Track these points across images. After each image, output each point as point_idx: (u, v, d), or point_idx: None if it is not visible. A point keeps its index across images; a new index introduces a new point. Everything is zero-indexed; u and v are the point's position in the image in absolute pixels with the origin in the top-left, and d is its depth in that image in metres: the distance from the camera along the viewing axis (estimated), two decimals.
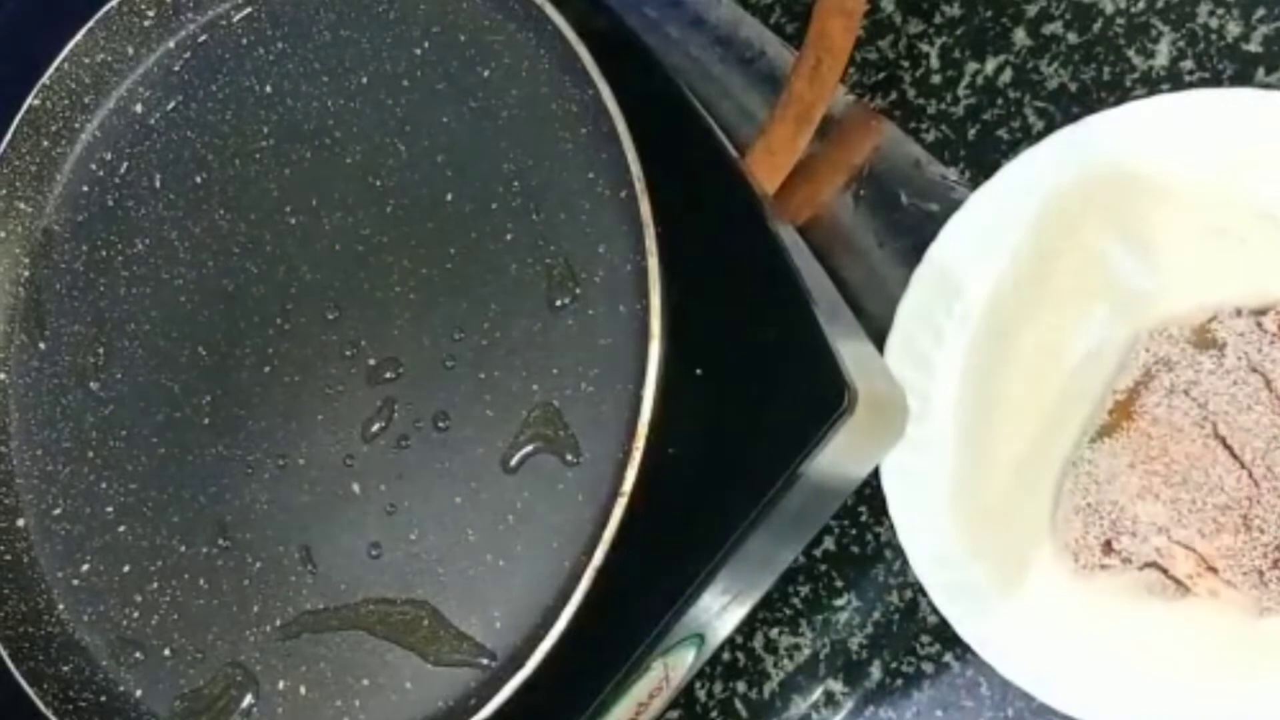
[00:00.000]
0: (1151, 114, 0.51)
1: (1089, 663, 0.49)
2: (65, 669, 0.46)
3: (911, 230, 0.56)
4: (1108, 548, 0.49)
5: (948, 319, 0.53)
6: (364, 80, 0.46)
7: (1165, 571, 0.48)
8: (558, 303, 0.41)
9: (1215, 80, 0.53)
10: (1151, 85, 0.54)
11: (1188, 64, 0.54)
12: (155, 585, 0.46)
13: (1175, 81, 0.54)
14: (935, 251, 0.53)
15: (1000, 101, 0.57)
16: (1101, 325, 0.52)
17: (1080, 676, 0.49)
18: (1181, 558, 0.47)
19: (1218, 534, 0.47)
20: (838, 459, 0.40)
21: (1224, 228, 0.50)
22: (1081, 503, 0.49)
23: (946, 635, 0.51)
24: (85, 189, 0.51)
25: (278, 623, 0.43)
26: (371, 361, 0.44)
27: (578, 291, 0.41)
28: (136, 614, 0.46)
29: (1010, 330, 0.53)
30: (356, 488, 0.43)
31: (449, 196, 0.44)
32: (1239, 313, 0.48)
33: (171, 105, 0.50)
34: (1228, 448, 0.47)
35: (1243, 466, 0.47)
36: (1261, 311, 0.47)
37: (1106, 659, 0.49)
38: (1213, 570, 0.47)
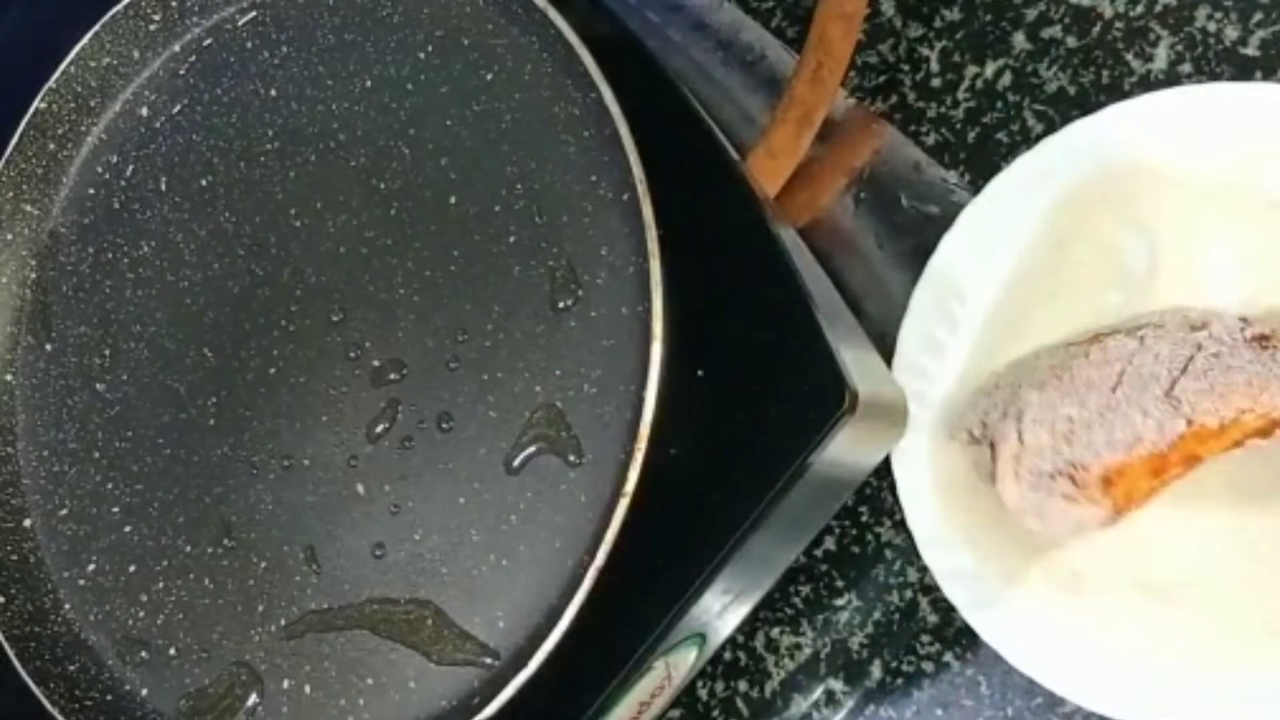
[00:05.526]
0: (1167, 105, 0.51)
1: (1094, 652, 0.49)
2: (71, 668, 0.46)
3: (912, 232, 0.56)
4: (983, 427, 0.50)
5: (962, 307, 0.54)
6: (368, 84, 0.47)
7: (993, 453, 0.49)
8: (560, 304, 0.41)
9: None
10: (1150, 89, 0.54)
11: (1186, 68, 0.54)
12: (161, 585, 0.46)
13: (1173, 85, 0.54)
14: (949, 240, 0.53)
15: (1000, 105, 0.57)
16: (1114, 314, 0.52)
17: (1086, 665, 0.49)
18: (1010, 441, 0.48)
19: (1047, 431, 0.48)
20: (838, 460, 0.40)
21: (1237, 218, 0.50)
22: (996, 377, 0.51)
23: (946, 635, 0.51)
24: (91, 191, 0.51)
25: (282, 622, 0.44)
26: (376, 363, 0.44)
27: (580, 293, 0.41)
28: (142, 613, 0.46)
29: (1024, 318, 0.53)
30: (361, 488, 0.43)
31: (452, 199, 0.44)
32: (1241, 318, 0.48)
33: (177, 108, 0.50)
34: (1118, 379, 0.47)
35: (1111, 394, 0.47)
36: (1256, 322, 0.48)
37: (1111, 648, 0.49)
38: (1017, 459, 0.48)
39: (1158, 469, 0.46)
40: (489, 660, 0.40)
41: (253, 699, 0.44)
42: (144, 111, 0.51)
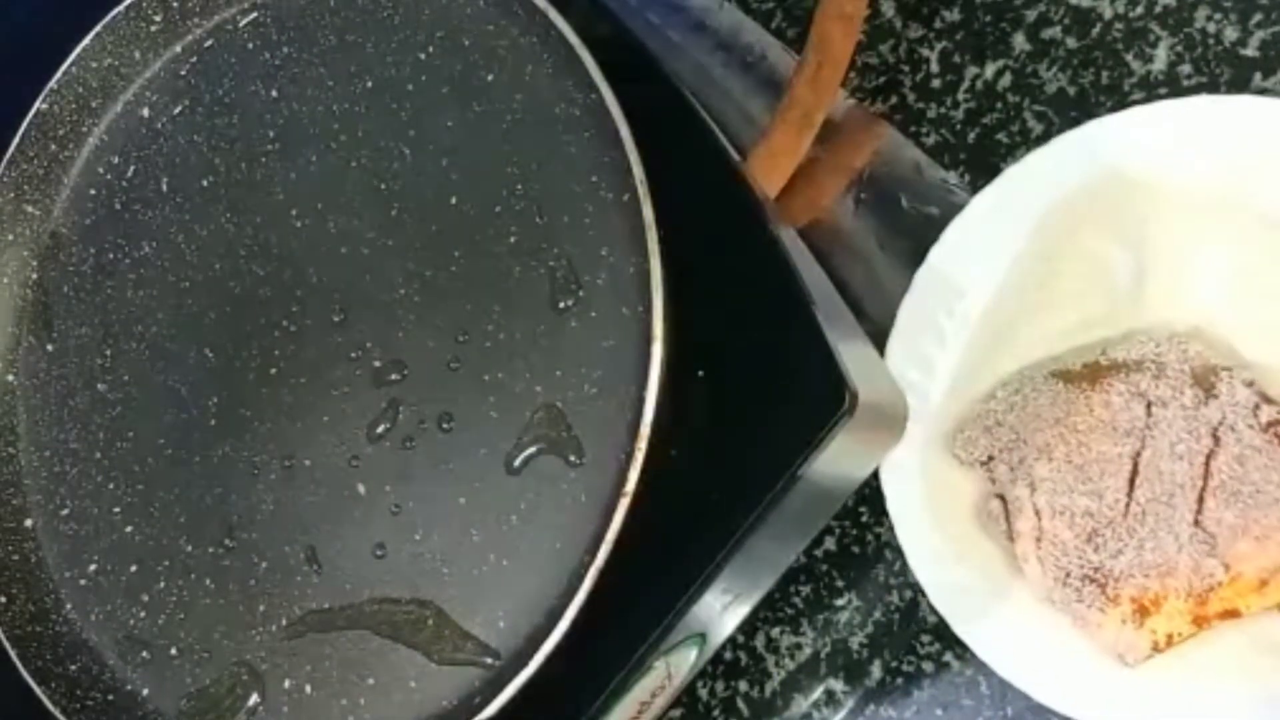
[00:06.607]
0: (1157, 118, 0.51)
1: (1084, 661, 0.49)
2: (73, 668, 0.46)
3: (911, 233, 0.56)
4: (987, 460, 0.51)
5: (949, 319, 0.54)
6: (369, 84, 0.47)
7: (1006, 513, 0.50)
8: (561, 305, 0.41)
9: (1213, 85, 0.53)
10: (1149, 90, 0.55)
11: (1185, 69, 0.54)
12: (162, 585, 0.46)
13: (1173, 86, 0.54)
14: (937, 252, 0.53)
15: (1000, 106, 0.57)
16: (1100, 328, 0.52)
17: (1075, 675, 0.49)
18: (1027, 515, 0.49)
19: (1067, 525, 0.48)
20: (838, 460, 0.40)
21: (1226, 233, 0.50)
22: (997, 413, 0.51)
23: (946, 634, 0.51)
24: (93, 192, 0.51)
25: (283, 622, 0.44)
26: (377, 363, 0.44)
27: (581, 294, 0.41)
28: (143, 613, 0.46)
29: (1011, 330, 0.53)
30: (361, 488, 0.43)
31: (453, 200, 0.44)
32: (1250, 384, 0.48)
33: (178, 109, 0.50)
34: (1133, 473, 0.48)
35: (1128, 496, 0.47)
36: (1269, 400, 0.47)
37: (1101, 658, 0.49)
38: (1038, 542, 0.48)
39: (1199, 619, 0.47)
40: (489, 660, 0.40)
41: (254, 699, 0.44)
42: (145, 112, 0.51)
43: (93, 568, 0.47)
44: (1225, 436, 0.47)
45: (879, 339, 0.53)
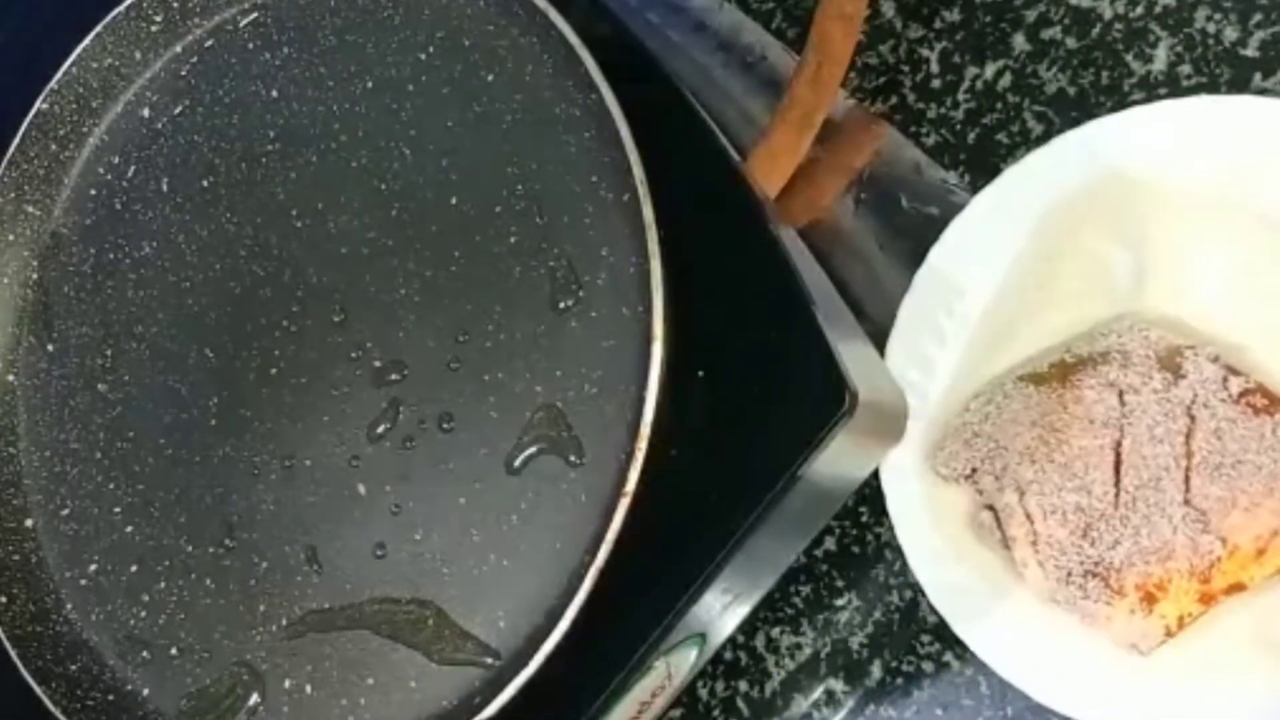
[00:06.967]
0: (1157, 118, 0.51)
1: (1084, 661, 0.49)
2: (73, 668, 0.46)
3: (912, 233, 0.56)
4: (971, 473, 0.51)
5: (949, 319, 0.54)
6: (369, 85, 0.47)
7: (998, 521, 0.50)
8: (561, 305, 0.41)
9: (1213, 85, 0.53)
10: (1149, 90, 0.55)
11: (1185, 69, 0.54)
12: (162, 585, 0.46)
13: (1173, 86, 0.54)
14: (937, 252, 0.53)
15: (1000, 106, 0.57)
16: (1101, 328, 0.52)
17: (1075, 675, 0.49)
18: (1019, 519, 0.49)
19: (1060, 524, 0.48)
20: (838, 461, 0.40)
21: (1226, 233, 0.50)
22: (973, 425, 0.51)
23: (946, 634, 0.51)
24: (93, 192, 0.51)
25: (283, 622, 0.44)
26: (377, 363, 0.44)
27: (581, 294, 0.41)
28: (144, 613, 0.46)
29: (1011, 331, 0.53)
30: (362, 488, 0.43)
31: (453, 200, 0.44)
32: (1215, 359, 0.48)
33: (179, 109, 0.50)
34: (1117, 463, 0.48)
35: (1115, 485, 0.47)
36: (1235, 371, 0.48)
37: (1100, 657, 0.49)
38: (1034, 545, 0.48)
39: (1206, 597, 0.47)
40: (490, 660, 0.40)
41: (254, 699, 0.44)
42: (146, 112, 0.51)
43: (93, 568, 0.47)
44: (1200, 413, 0.47)
45: (879, 339, 0.53)
